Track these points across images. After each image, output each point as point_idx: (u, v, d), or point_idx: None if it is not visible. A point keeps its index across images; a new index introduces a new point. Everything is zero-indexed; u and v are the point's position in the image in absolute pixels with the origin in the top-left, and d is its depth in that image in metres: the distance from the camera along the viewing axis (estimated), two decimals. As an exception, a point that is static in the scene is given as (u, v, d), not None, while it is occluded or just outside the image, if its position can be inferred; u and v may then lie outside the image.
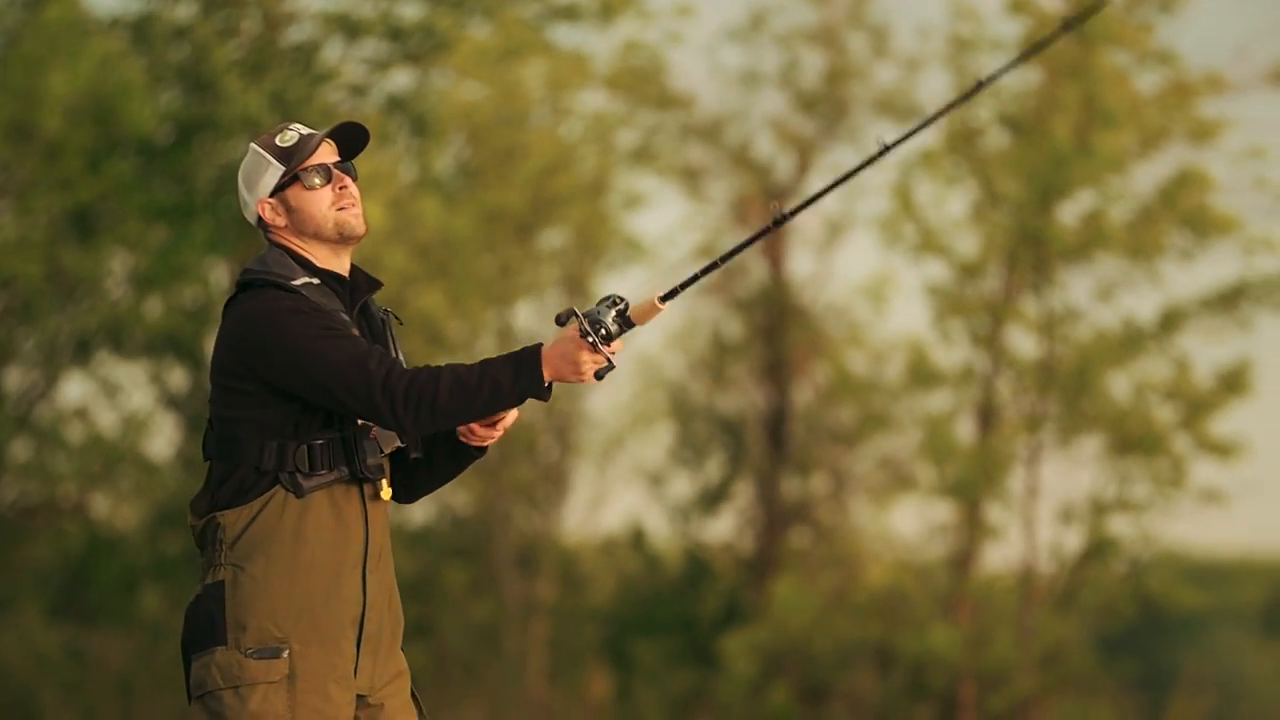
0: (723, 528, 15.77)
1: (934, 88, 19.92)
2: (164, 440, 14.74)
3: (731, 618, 15.13)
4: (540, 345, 3.25)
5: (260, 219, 3.35)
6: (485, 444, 3.37)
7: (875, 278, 15.21)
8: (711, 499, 15.72)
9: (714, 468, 15.86)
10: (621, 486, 15.75)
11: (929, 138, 14.58)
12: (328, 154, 3.34)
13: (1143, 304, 14.21)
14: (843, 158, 16.02)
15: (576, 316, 3.22)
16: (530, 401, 3.31)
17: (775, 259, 15.75)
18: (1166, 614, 14.79)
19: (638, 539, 15.98)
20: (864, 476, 15.41)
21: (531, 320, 14.84)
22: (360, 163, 3.44)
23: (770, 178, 15.67)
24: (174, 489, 14.32)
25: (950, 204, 13.88)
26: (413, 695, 3.37)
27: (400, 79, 14.97)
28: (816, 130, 15.51)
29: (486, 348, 14.73)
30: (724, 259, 3.32)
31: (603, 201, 14.72)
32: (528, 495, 14.58)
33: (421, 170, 14.78)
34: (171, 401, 14.73)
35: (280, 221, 3.33)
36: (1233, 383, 13.48)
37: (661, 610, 15.50)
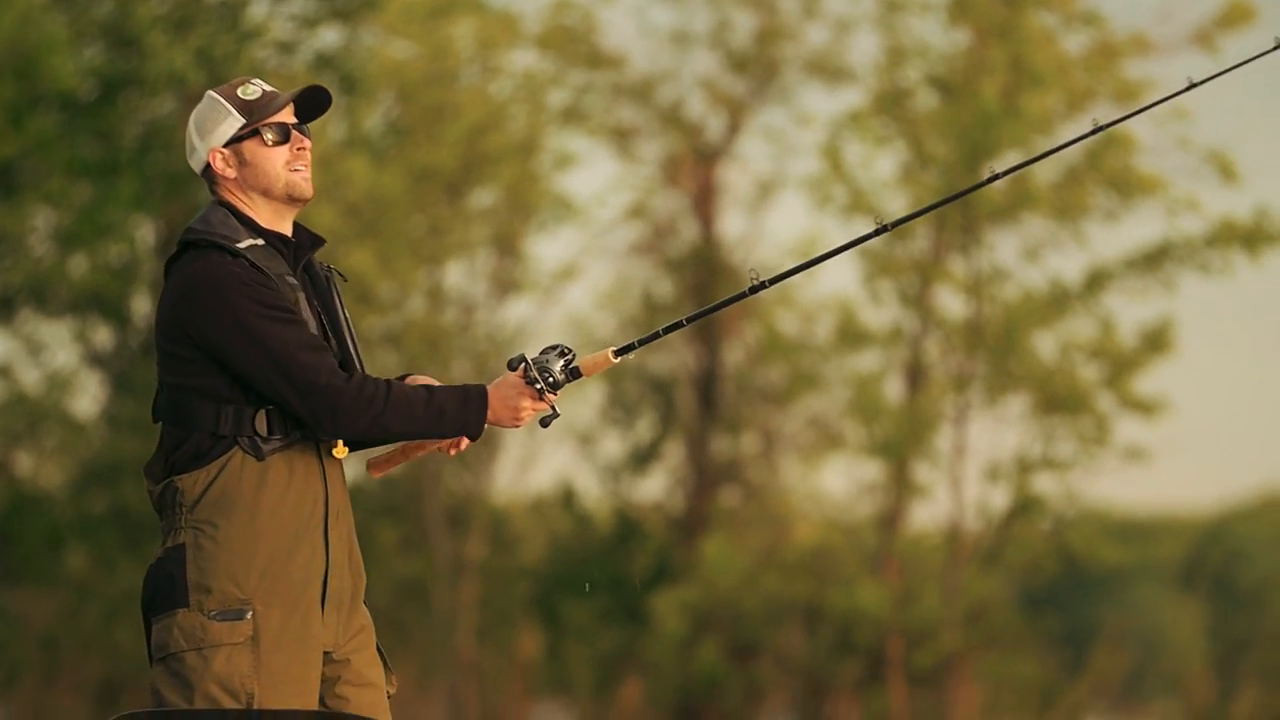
0: (653, 487, 15.85)
1: (864, 49, 19.97)
2: (89, 399, 14.64)
3: (661, 576, 15.22)
4: (485, 387, 3.29)
5: (209, 167, 3.32)
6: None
7: (805, 238, 15.29)
8: (642, 458, 15.78)
9: (644, 427, 15.92)
10: (552, 446, 15.78)
11: (857, 99, 14.67)
12: (286, 114, 3.34)
13: (1068, 264, 14.35)
14: (773, 119, 16.06)
15: (526, 363, 3.27)
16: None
17: (706, 219, 15.78)
18: (1088, 570, 15.01)
19: (568, 498, 16.02)
20: (793, 436, 15.51)
21: (461, 279, 14.82)
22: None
23: (701, 138, 15.69)
24: (99, 447, 14.23)
25: (880, 165, 13.96)
26: (378, 650, 3.39)
27: (329, 36, 14.87)
28: (747, 90, 15.53)
29: (417, 307, 14.68)
30: (690, 319, 3.39)
31: (533, 161, 14.69)
32: (458, 454, 14.54)
33: (350, 129, 14.69)
34: (96, 360, 14.62)
35: (230, 173, 3.31)
36: (1156, 342, 13.64)
37: (591, 569, 15.57)
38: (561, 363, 3.28)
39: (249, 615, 3.22)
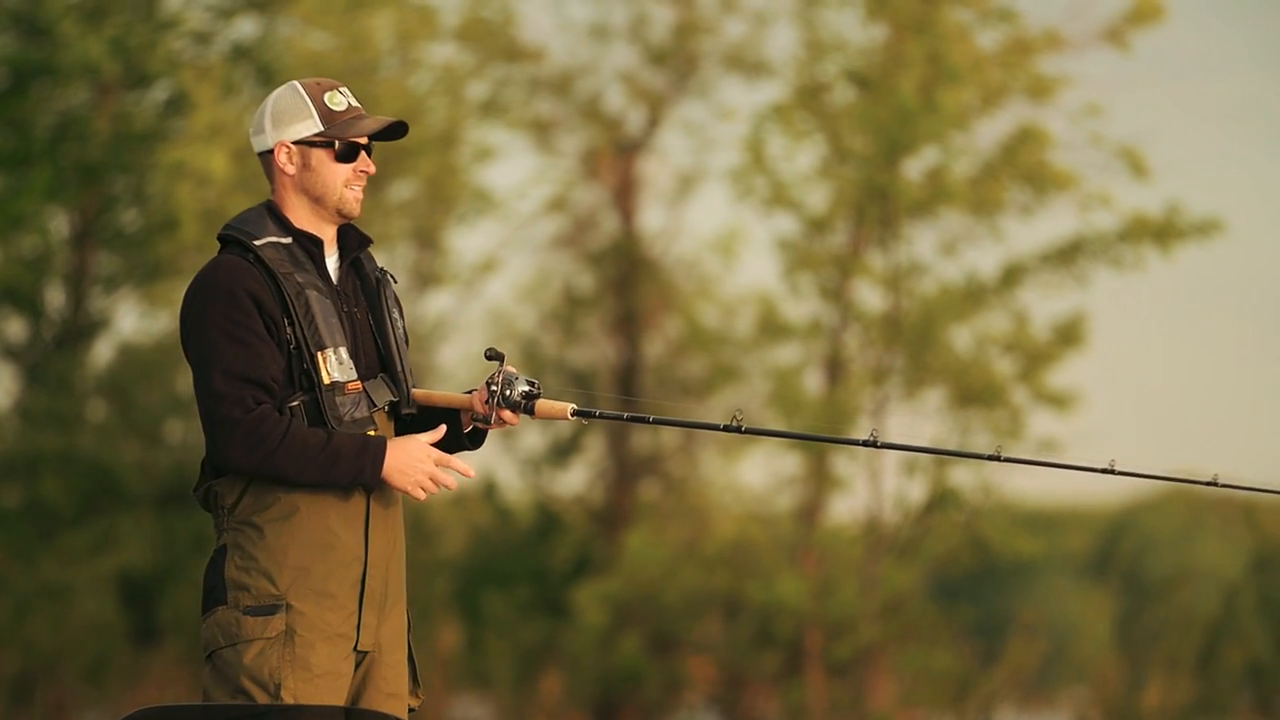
0: (574, 480, 15.86)
1: (782, 43, 20.08)
2: (1, 392, 14.44)
3: (582, 569, 15.24)
4: (385, 440, 3.34)
5: (270, 153, 3.39)
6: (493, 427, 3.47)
7: (726, 232, 15.37)
8: (562, 451, 15.80)
9: (565, 421, 15.88)
10: (472, 439, 15.70)
11: (778, 92, 14.76)
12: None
13: (985, 259, 14.51)
14: (693, 112, 16.09)
15: (500, 364, 3.38)
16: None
17: (626, 212, 15.82)
18: (1000, 561, 15.20)
19: (489, 491, 16.00)
20: (713, 428, 15.54)
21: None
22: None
23: (621, 131, 15.73)
24: (12, 441, 14.03)
25: (799, 159, 14.05)
26: (410, 659, 3.41)
27: (245, 27, 14.75)
28: (667, 84, 15.59)
29: (335, 300, 14.57)
30: (656, 421, 3.60)
31: (452, 154, 14.66)
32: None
33: (268, 120, 14.55)
34: (9, 353, 14.41)
35: (289, 170, 3.38)
36: (1068, 335, 13.83)
37: (512, 562, 15.55)
38: (526, 388, 3.41)
39: (281, 611, 3.26)
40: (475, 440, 3.52)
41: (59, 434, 13.70)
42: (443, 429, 3.38)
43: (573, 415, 3.44)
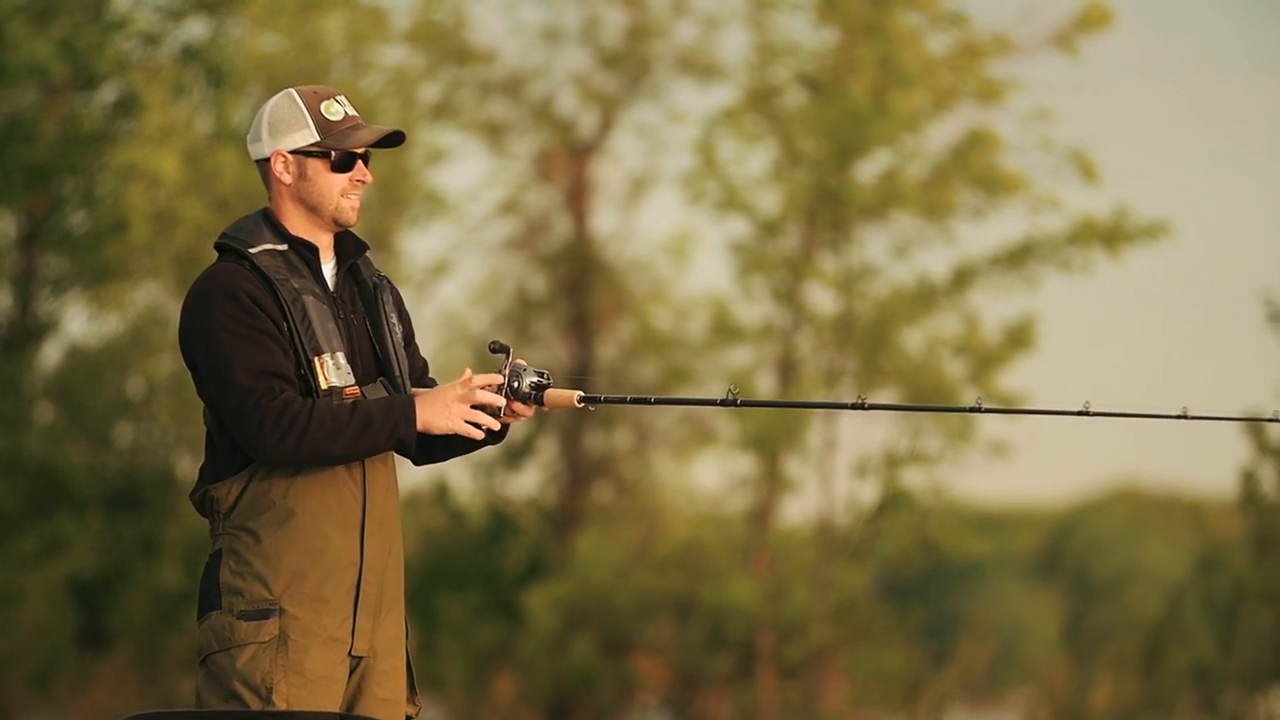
0: (526, 482, 15.85)
1: (734, 46, 20.15)
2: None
3: (535, 572, 15.23)
4: (411, 395, 3.34)
5: (267, 162, 3.38)
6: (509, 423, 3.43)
7: (678, 235, 15.40)
8: (515, 454, 15.78)
9: (518, 423, 15.87)
10: (424, 442, 15.63)
11: (729, 96, 14.80)
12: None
13: (936, 261, 14.59)
14: (645, 115, 16.13)
15: (508, 354, 3.37)
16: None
17: (579, 215, 15.82)
18: (949, 563, 15.30)
19: (442, 494, 15.97)
20: (666, 431, 15.61)
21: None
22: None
23: (573, 134, 15.73)
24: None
25: (751, 162, 14.09)
26: (408, 665, 3.42)
27: (195, 28, 14.66)
28: (619, 87, 15.61)
29: (287, 302, 14.49)
30: (657, 400, 3.56)
31: (405, 156, 14.62)
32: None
33: (219, 122, 14.49)
34: (-43, 354, 14.27)
35: (286, 179, 3.38)
36: (1018, 338, 13.94)
37: (465, 564, 15.53)
38: (535, 379, 3.39)
39: (275, 616, 3.26)
40: (496, 435, 3.51)
41: (6, 437, 13.59)
42: (468, 372, 3.38)
43: (579, 402, 3.43)
